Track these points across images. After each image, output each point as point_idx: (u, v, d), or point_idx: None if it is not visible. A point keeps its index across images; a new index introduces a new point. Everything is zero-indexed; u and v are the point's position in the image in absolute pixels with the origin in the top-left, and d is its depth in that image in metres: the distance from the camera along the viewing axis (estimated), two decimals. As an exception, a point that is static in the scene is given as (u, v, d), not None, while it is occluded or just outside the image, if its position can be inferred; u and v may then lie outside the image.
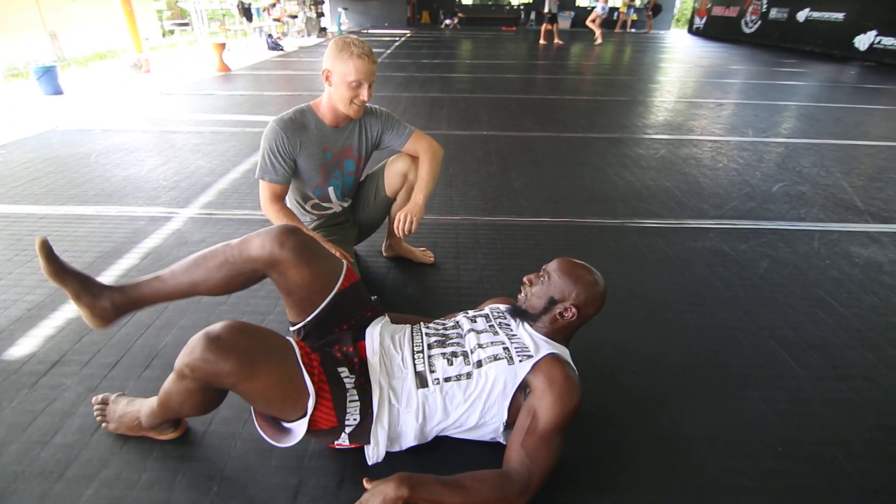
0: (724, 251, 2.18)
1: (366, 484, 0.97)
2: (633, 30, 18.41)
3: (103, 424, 1.20)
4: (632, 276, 1.97)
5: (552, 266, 1.20)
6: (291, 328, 1.23)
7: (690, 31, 17.55)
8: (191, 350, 0.92)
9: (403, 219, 1.62)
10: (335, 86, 1.55)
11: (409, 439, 1.11)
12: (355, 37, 1.54)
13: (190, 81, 6.45)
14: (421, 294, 1.84)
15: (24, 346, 1.49)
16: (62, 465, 1.11)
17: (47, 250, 1.11)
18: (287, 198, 1.73)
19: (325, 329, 1.20)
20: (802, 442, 1.24)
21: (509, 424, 1.10)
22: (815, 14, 11.04)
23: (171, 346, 1.51)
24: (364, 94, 1.54)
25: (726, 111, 5.15)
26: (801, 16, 11.46)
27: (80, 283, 1.14)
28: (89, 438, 1.19)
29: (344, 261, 1.26)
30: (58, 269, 1.12)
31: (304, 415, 0.99)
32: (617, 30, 18.08)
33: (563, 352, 1.15)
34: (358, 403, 1.05)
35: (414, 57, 9.26)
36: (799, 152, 3.69)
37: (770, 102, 5.61)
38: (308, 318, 1.18)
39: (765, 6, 12.91)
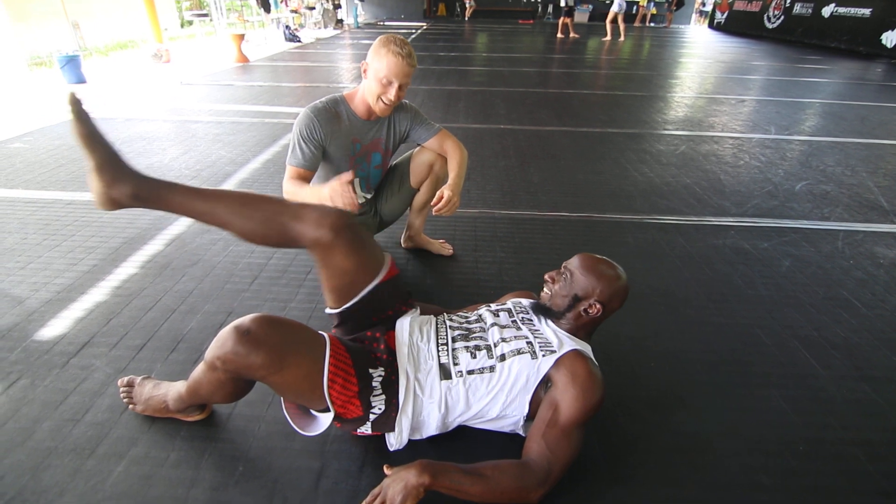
0: (746, 249, 2.15)
1: (386, 470, 0.98)
2: (652, 24, 18.15)
3: (130, 406, 1.23)
4: (651, 273, 1.96)
5: (574, 263, 1.19)
6: (328, 310, 1.20)
7: (711, 25, 17.22)
8: (221, 343, 0.94)
9: (447, 200, 1.51)
10: (368, 80, 1.56)
11: (430, 428, 1.12)
12: (401, 37, 1.54)
13: (209, 72, 6.51)
14: (440, 286, 1.85)
15: (54, 328, 1.53)
16: (93, 443, 1.15)
17: (78, 107, 0.98)
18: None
19: (363, 318, 1.19)
20: (824, 441, 1.23)
21: (530, 417, 1.11)
22: (841, 9, 10.74)
23: (196, 330, 1.54)
24: (392, 93, 1.54)
25: (748, 108, 5.06)
26: (826, 11, 11.16)
27: (107, 157, 1.02)
28: (119, 417, 1.22)
29: (387, 254, 1.24)
30: (88, 132, 1.00)
31: (329, 409, 1.01)
32: (636, 24, 17.83)
33: (586, 348, 1.15)
34: (383, 396, 1.06)
35: (430, 49, 9.23)
36: (823, 150, 3.62)
37: (793, 99, 5.50)
38: (346, 306, 1.16)
39: (788, 1, 12.61)
